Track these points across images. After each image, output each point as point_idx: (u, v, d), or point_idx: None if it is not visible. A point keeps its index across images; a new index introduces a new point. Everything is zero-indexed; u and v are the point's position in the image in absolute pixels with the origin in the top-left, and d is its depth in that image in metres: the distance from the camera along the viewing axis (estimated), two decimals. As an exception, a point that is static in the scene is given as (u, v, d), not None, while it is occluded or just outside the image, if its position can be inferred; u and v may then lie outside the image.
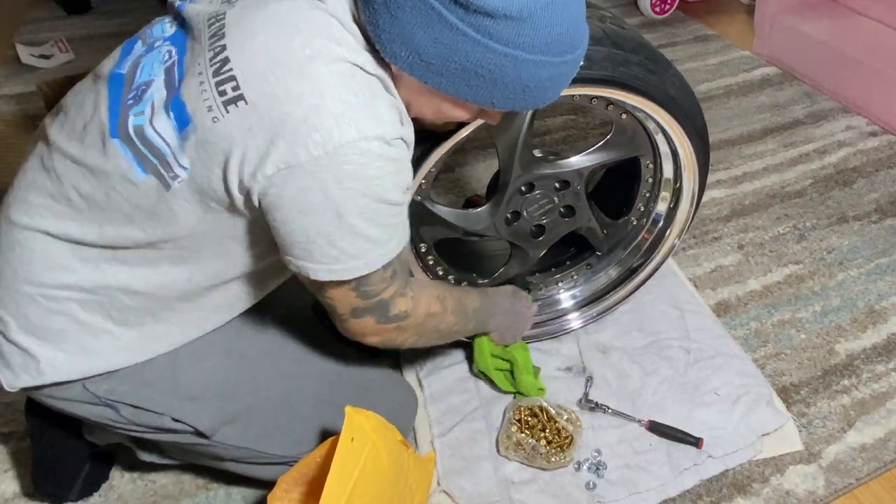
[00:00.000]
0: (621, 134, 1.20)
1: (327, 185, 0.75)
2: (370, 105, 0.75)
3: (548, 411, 1.21)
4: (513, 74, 0.74)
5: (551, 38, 0.72)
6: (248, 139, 0.74)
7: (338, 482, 0.82)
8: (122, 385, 0.93)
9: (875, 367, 1.40)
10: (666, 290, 1.51)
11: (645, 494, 1.17)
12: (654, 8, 2.72)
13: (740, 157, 2.00)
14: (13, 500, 1.19)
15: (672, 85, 1.12)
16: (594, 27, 1.05)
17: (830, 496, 1.19)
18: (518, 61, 0.73)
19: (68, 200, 0.84)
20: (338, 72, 0.74)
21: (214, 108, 0.75)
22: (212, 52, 0.77)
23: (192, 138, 0.76)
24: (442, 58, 0.73)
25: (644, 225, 1.37)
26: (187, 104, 0.76)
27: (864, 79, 2.13)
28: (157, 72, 0.81)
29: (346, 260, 0.81)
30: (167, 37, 0.85)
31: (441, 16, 0.70)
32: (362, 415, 0.91)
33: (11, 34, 2.60)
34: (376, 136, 0.75)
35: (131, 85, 0.82)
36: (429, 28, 0.71)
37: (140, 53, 0.85)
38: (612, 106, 1.14)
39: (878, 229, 1.75)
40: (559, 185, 1.20)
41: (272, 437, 1.03)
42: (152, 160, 0.79)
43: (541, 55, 0.73)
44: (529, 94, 0.77)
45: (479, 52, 0.72)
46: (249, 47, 0.75)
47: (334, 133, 0.73)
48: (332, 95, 0.73)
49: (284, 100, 0.73)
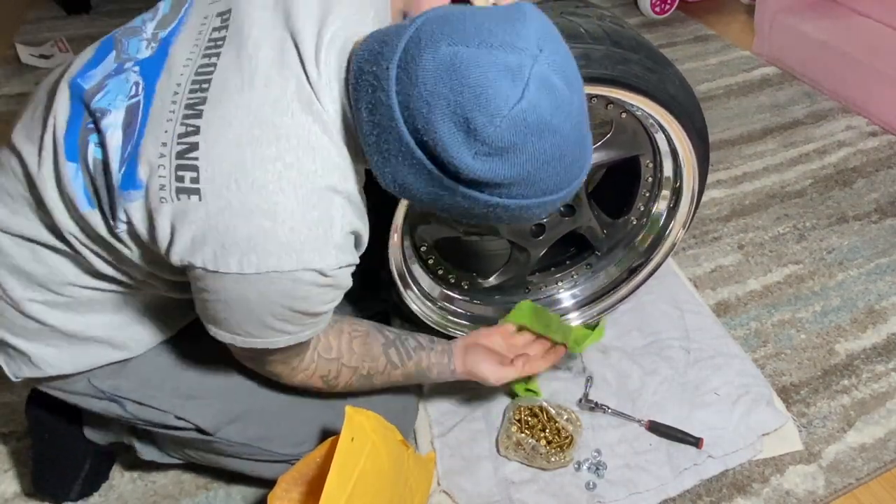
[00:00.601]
0: (621, 133, 1.20)
1: (249, 295, 0.74)
2: (322, 238, 0.74)
3: (548, 411, 1.21)
4: (505, 215, 0.72)
5: (547, 187, 0.70)
6: (185, 228, 0.72)
7: (338, 482, 0.82)
8: (126, 382, 0.94)
9: (875, 367, 1.40)
10: (666, 290, 1.51)
11: (645, 494, 1.17)
12: (654, 8, 2.72)
13: (740, 157, 2.00)
14: (13, 499, 1.19)
15: (672, 83, 1.12)
16: (593, 26, 1.05)
17: (830, 496, 1.19)
18: (510, 207, 0.71)
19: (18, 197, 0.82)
20: (301, 198, 0.72)
21: (166, 190, 0.72)
22: (183, 128, 0.73)
23: (135, 203, 0.75)
24: (433, 202, 0.72)
25: (644, 224, 1.37)
26: (140, 169, 0.74)
27: (864, 79, 2.13)
28: (118, 104, 0.77)
29: (251, 339, 0.81)
30: (140, 60, 0.80)
31: (432, 175, 0.68)
32: (362, 415, 0.91)
33: (11, 34, 2.60)
34: (316, 269, 0.74)
35: (90, 106, 0.78)
36: (420, 178, 0.69)
37: (108, 72, 0.81)
38: (611, 105, 1.14)
39: (878, 229, 1.74)
40: (559, 185, 1.20)
41: (274, 435, 1.03)
42: (102, 197, 0.77)
43: (535, 199, 0.71)
44: (527, 220, 0.76)
45: (471, 203, 0.70)
46: (222, 140, 0.72)
47: (271, 260, 0.72)
48: (285, 223, 0.71)
49: (236, 211, 0.71)
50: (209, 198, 0.71)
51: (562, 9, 1.08)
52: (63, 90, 0.81)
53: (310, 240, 0.72)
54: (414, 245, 1.21)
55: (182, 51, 0.79)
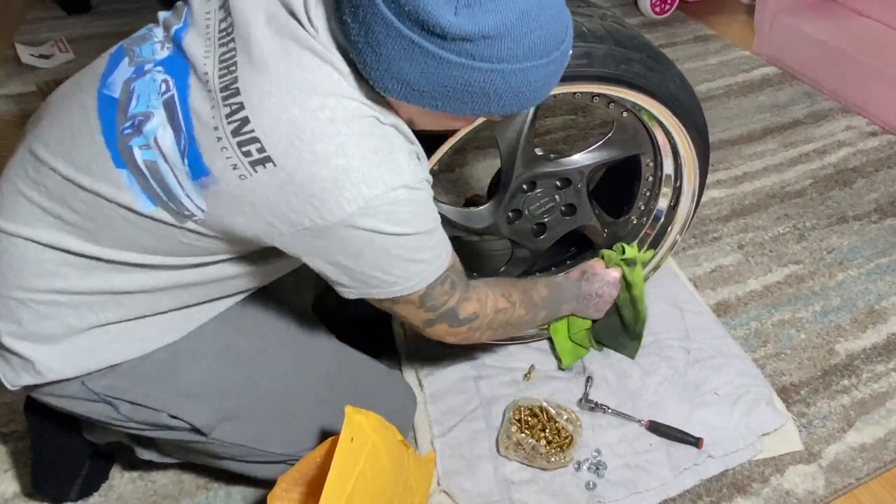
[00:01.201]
0: (622, 132, 1.20)
1: (366, 235, 0.79)
2: (390, 158, 0.79)
3: (548, 411, 1.21)
4: (503, 86, 0.74)
5: (533, 44, 0.72)
6: (279, 196, 0.77)
7: (338, 482, 0.82)
8: (121, 381, 0.94)
9: (875, 367, 1.40)
10: (666, 290, 1.51)
11: (645, 494, 1.17)
12: (654, 8, 2.72)
13: (740, 157, 2.00)
14: (13, 499, 1.19)
15: (673, 83, 1.12)
16: (596, 25, 1.05)
17: (830, 496, 1.19)
18: (506, 73, 0.73)
19: (63, 216, 0.84)
20: (357, 130, 0.77)
21: (241, 167, 0.76)
22: (228, 109, 0.77)
23: (213, 188, 0.78)
24: (432, 85, 0.74)
25: (644, 223, 1.37)
26: (204, 156, 0.77)
27: (864, 79, 2.13)
28: (154, 104, 0.80)
29: (404, 282, 0.86)
30: (159, 60, 0.83)
31: (421, 47, 0.70)
32: (362, 414, 0.91)
33: (11, 34, 2.60)
34: (402, 185, 0.78)
35: (126, 112, 0.81)
36: (413, 60, 0.72)
37: (130, 76, 0.83)
38: (613, 104, 1.14)
39: (878, 229, 1.75)
40: (560, 184, 1.20)
41: (270, 436, 1.03)
42: (162, 195, 0.80)
43: (527, 62, 0.73)
44: (524, 97, 0.78)
45: (466, 74, 0.72)
46: (268, 108, 0.76)
47: (363, 189, 0.76)
48: (356, 154, 0.76)
49: (311, 160, 0.75)
50: (281, 159, 0.75)
51: None
52: (88, 103, 0.83)
53: (382, 161, 0.77)
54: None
55: (197, 45, 0.81)
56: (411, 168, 0.81)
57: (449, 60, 0.71)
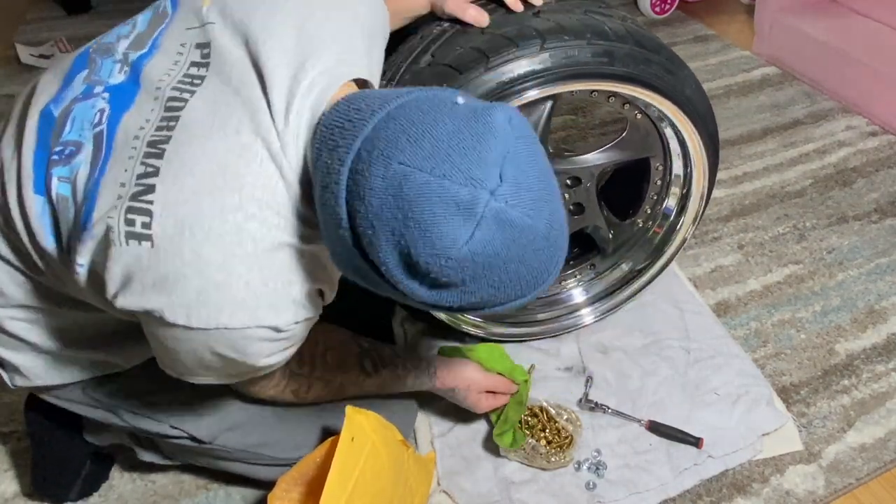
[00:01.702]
0: (635, 133, 1.20)
1: (197, 347, 0.71)
2: (280, 294, 0.70)
3: (548, 411, 1.21)
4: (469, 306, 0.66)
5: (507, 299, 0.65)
6: (135, 275, 0.68)
7: (338, 482, 0.82)
8: (122, 394, 0.94)
9: (875, 367, 1.40)
10: (666, 290, 1.51)
11: (645, 494, 1.17)
12: (654, 8, 2.72)
13: (740, 157, 2.00)
14: (13, 499, 1.19)
15: (689, 86, 1.12)
16: (617, 25, 1.06)
17: (830, 496, 1.19)
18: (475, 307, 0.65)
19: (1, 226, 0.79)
20: (259, 254, 0.68)
21: (114, 233, 0.67)
22: (143, 168, 0.68)
23: (89, 244, 0.70)
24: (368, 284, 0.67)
25: (650, 226, 1.37)
26: (97, 207, 0.69)
27: (864, 79, 2.13)
28: (86, 135, 0.73)
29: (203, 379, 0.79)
30: (110, 86, 0.75)
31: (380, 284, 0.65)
32: (362, 414, 0.91)
33: (11, 34, 2.60)
34: (269, 326, 0.70)
35: (59, 137, 0.74)
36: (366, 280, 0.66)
37: (76, 95, 0.76)
38: (628, 105, 1.14)
39: (878, 229, 1.74)
40: (570, 182, 1.21)
41: (272, 442, 1.03)
42: (63, 235, 0.74)
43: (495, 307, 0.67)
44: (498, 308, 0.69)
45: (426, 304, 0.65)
46: (181, 185, 0.67)
47: (223, 317, 0.68)
48: (241, 278, 0.67)
49: (189, 261, 0.66)
50: (161, 243, 0.66)
51: (587, 7, 1.10)
52: (33, 116, 0.77)
53: (266, 295, 0.68)
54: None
55: (153, 78, 0.74)
56: (297, 308, 0.72)
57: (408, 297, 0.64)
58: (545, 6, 1.07)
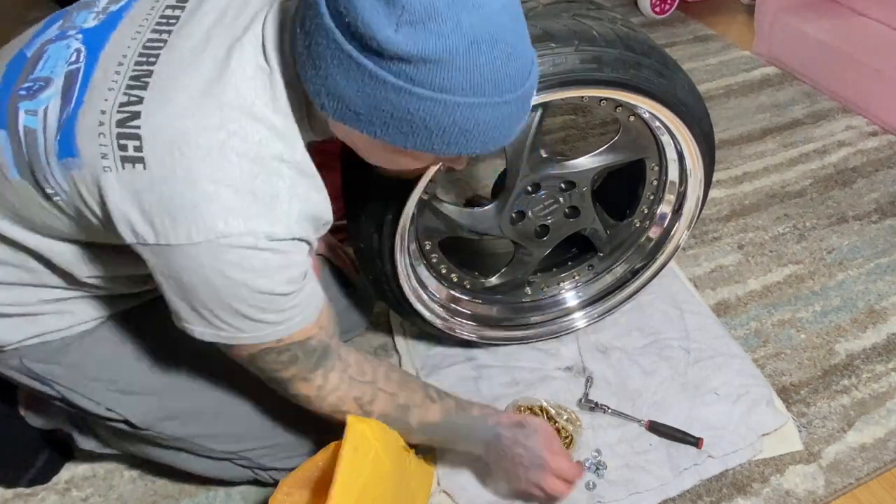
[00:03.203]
0: (628, 136, 1.20)
1: (206, 271, 0.72)
2: (268, 206, 0.72)
3: (548, 411, 1.21)
4: (446, 119, 0.67)
5: (483, 79, 0.66)
6: (134, 200, 0.71)
7: (342, 493, 0.82)
8: (60, 369, 0.93)
9: (875, 367, 1.41)
10: (666, 290, 1.51)
11: (645, 494, 1.17)
12: (654, 8, 2.72)
13: (740, 157, 2.00)
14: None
15: (682, 88, 1.12)
16: (606, 29, 1.04)
17: (830, 496, 1.19)
18: (448, 106, 0.66)
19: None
20: (246, 166, 0.71)
21: (110, 158, 0.71)
22: (125, 98, 0.72)
23: (76, 172, 0.73)
24: (368, 107, 0.68)
25: (647, 227, 1.37)
26: (77, 137, 0.72)
27: (864, 79, 2.13)
28: (58, 71, 0.76)
29: (233, 332, 0.79)
30: (84, 29, 0.79)
31: (359, 63, 0.65)
32: (364, 423, 0.91)
33: (11, 34, 2.60)
34: (265, 234, 0.72)
35: (29, 74, 0.77)
36: (349, 77, 0.66)
37: (50, 37, 0.80)
38: (620, 108, 1.14)
39: (878, 229, 1.75)
40: (565, 186, 1.21)
41: (212, 435, 1.02)
42: (28, 167, 0.76)
43: (474, 97, 0.67)
44: (472, 138, 0.70)
45: (403, 99, 0.66)
46: (164, 111, 0.71)
47: (219, 224, 0.70)
48: (230, 187, 0.70)
49: (181, 178, 0.70)
50: (154, 165, 0.70)
51: (574, 11, 1.08)
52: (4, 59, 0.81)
53: (256, 204, 0.71)
54: (418, 243, 1.21)
55: (131, 24, 0.78)
56: (289, 222, 0.74)
57: (386, 81, 0.65)
58: (532, 11, 1.05)
